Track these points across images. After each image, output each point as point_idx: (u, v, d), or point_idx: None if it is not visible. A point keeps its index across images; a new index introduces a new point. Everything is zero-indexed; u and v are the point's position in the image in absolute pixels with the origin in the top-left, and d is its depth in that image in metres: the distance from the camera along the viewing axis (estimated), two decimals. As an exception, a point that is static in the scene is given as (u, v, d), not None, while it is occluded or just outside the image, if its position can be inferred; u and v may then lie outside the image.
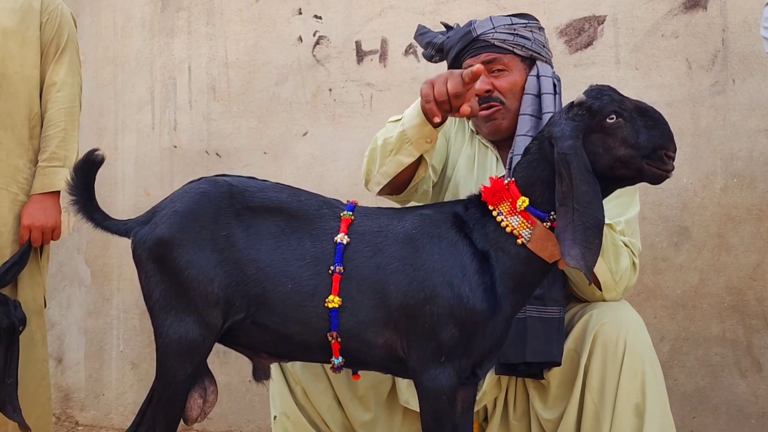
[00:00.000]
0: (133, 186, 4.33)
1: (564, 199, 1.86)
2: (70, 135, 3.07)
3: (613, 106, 1.88)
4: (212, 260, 1.94)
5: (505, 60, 2.40)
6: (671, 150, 1.87)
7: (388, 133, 2.22)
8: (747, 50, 3.23)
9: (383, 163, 2.24)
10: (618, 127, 1.87)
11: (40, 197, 3.00)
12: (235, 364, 3.92)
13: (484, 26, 2.41)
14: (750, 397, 3.19)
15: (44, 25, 3.07)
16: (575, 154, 1.85)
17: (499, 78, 2.40)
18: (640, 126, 1.87)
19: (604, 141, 1.89)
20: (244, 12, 4.08)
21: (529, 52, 2.41)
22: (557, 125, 1.93)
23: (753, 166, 3.21)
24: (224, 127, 4.09)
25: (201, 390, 2.01)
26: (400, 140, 2.17)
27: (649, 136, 1.86)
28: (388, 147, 2.21)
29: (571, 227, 1.83)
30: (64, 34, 3.11)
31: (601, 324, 2.25)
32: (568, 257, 1.83)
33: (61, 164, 3.03)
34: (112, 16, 4.49)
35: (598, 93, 1.92)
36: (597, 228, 1.84)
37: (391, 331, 1.95)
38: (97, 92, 4.50)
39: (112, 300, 4.37)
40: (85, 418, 4.43)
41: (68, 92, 3.08)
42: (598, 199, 1.86)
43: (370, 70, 3.83)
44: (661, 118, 1.90)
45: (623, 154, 1.87)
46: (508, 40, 2.39)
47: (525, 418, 2.44)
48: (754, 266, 3.20)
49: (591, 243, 1.83)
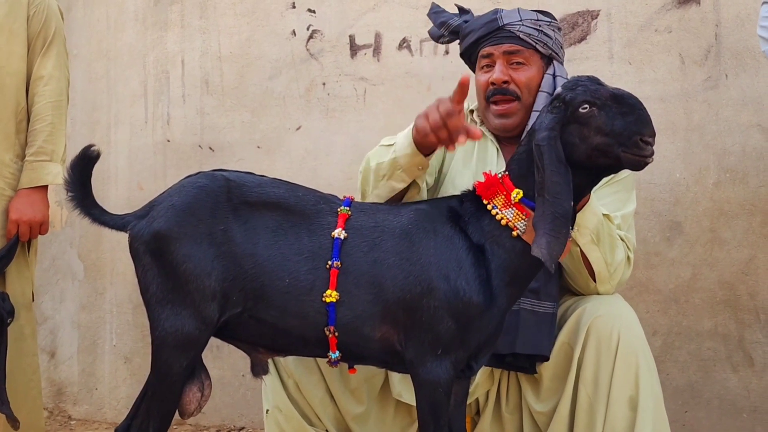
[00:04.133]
0: (126, 180, 4.32)
1: (540, 189, 1.88)
2: (57, 129, 3.06)
3: (585, 96, 1.89)
4: (209, 254, 1.95)
5: (526, 54, 2.40)
6: (647, 135, 1.85)
7: (380, 158, 2.25)
8: (740, 45, 3.24)
9: (376, 186, 2.27)
10: (591, 116, 1.88)
11: (27, 192, 2.99)
12: (228, 359, 3.92)
13: (511, 17, 2.41)
14: (742, 391, 3.21)
15: (31, 18, 3.05)
16: (548, 145, 1.88)
17: (518, 71, 2.40)
18: (615, 113, 1.86)
19: (579, 131, 1.89)
20: (238, 5, 4.07)
21: (549, 50, 2.42)
22: (539, 118, 1.96)
23: (745, 161, 3.22)
24: (217, 121, 4.09)
25: (198, 384, 2.02)
26: (392, 167, 2.21)
27: (624, 123, 1.85)
28: (381, 172, 2.24)
29: (542, 217, 1.86)
30: (51, 27, 3.09)
31: (594, 317, 2.27)
32: (535, 246, 1.85)
33: (49, 158, 3.01)
34: (105, 9, 4.47)
35: (573, 84, 1.94)
36: (565, 218, 1.85)
37: (388, 325, 1.97)
38: (89, 86, 4.49)
39: (105, 294, 4.36)
40: (78, 413, 4.43)
41: (55, 86, 3.07)
42: (569, 190, 1.87)
43: (363, 65, 3.82)
44: (638, 103, 1.89)
45: (598, 142, 1.87)
46: (532, 35, 2.39)
47: (517, 411, 2.45)
48: (747, 261, 3.21)
49: (558, 233, 1.85)
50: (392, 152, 2.20)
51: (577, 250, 2.25)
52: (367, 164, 2.30)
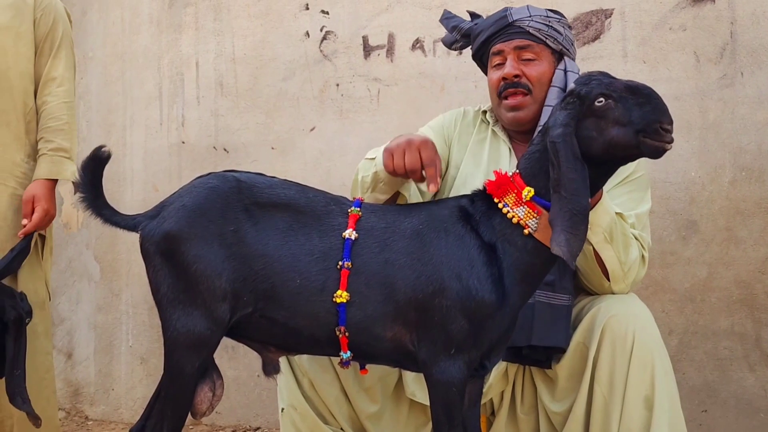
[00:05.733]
0: (142, 181, 4.34)
1: (556, 187, 1.88)
2: (72, 128, 3.11)
3: (600, 89, 1.89)
4: (220, 255, 1.95)
5: (537, 49, 2.41)
6: (666, 122, 1.86)
7: (364, 171, 2.34)
8: (755, 43, 3.22)
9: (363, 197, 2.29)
10: (608, 108, 1.88)
11: (45, 182, 3.01)
12: (243, 359, 3.93)
13: (520, 13, 2.42)
14: (759, 390, 3.19)
15: (38, 21, 3.08)
16: (563, 142, 1.87)
17: (529, 66, 2.40)
18: (632, 104, 1.87)
19: (596, 124, 1.89)
20: (251, 7, 4.08)
21: (560, 46, 2.42)
22: (552, 115, 1.96)
23: (761, 160, 3.20)
24: (232, 123, 4.10)
25: (210, 384, 2.02)
26: (374, 180, 2.29)
27: (642, 113, 1.86)
28: (365, 185, 2.33)
29: (560, 214, 1.85)
30: (59, 30, 3.12)
31: (609, 317, 2.26)
32: (554, 244, 1.85)
33: (68, 156, 3.05)
34: (120, 12, 4.50)
35: (586, 79, 1.94)
36: (583, 215, 1.85)
37: (400, 325, 1.97)
38: (105, 88, 4.51)
39: (121, 295, 4.39)
40: (94, 413, 4.45)
41: (68, 87, 3.11)
42: (585, 186, 1.87)
43: (377, 65, 3.82)
44: (653, 93, 1.89)
45: (617, 133, 1.87)
46: (542, 30, 2.40)
47: (533, 411, 2.45)
48: (763, 260, 3.19)
49: (576, 229, 1.85)
50: (374, 166, 2.27)
51: (590, 248, 2.24)
52: (356, 175, 2.38)
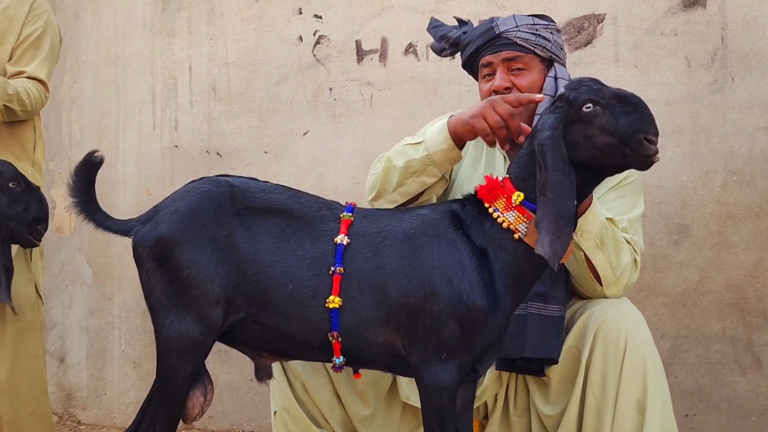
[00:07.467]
0: (135, 186, 4.34)
1: (542, 189, 1.88)
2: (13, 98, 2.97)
3: (589, 95, 1.90)
4: (213, 260, 1.95)
5: (526, 59, 2.40)
6: (651, 134, 1.86)
7: (407, 156, 2.28)
8: (746, 48, 3.23)
9: (403, 183, 2.30)
10: (595, 115, 1.89)
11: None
12: (236, 363, 3.93)
13: (507, 24, 2.41)
14: (750, 394, 3.20)
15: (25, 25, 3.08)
16: (551, 144, 1.88)
17: (519, 77, 2.40)
18: (619, 112, 1.87)
19: (583, 130, 1.90)
20: (245, 12, 4.08)
21: (549, 53, 2.41)
22: (541, 119, 1.97)
23: (752, 164, 3.21)
24: (225, 127, 4.10)
25: (202, 388, 2.02)
26: (424, 163, 2.25)
27: (628, 122, 1.86)
28: (411, 169, 2.28)
29: (545, 216, 1.86)
30: (46, 40, 3.11)
31: (602, 320, 2.27)
32: (538, 245, 1.86)
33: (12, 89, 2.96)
34: (113, 16, 4.49)
35: (576, 84, 1.95)
36: (568, 217, 1.86)
37: (392, 330, 1.97)
38: (98, 92, 4.51)
39: (114, 299, 4.38)
40: (87, 418, 4.44)
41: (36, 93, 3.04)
42: (572, 189, 1.88)
43: (370, 70, 3.83)
44: (641, 103, 1.90)
45: (602, 141, 1.88)
46: (530, 39, 2.39)
47: (526, 414, 2.45)
48: (754, 264, 3.20)
49: (561, 232, 1.86)
50: (423, 149, 2.24)
51: (582, 254, 2.25)
52: (389, 163, 2.32)
